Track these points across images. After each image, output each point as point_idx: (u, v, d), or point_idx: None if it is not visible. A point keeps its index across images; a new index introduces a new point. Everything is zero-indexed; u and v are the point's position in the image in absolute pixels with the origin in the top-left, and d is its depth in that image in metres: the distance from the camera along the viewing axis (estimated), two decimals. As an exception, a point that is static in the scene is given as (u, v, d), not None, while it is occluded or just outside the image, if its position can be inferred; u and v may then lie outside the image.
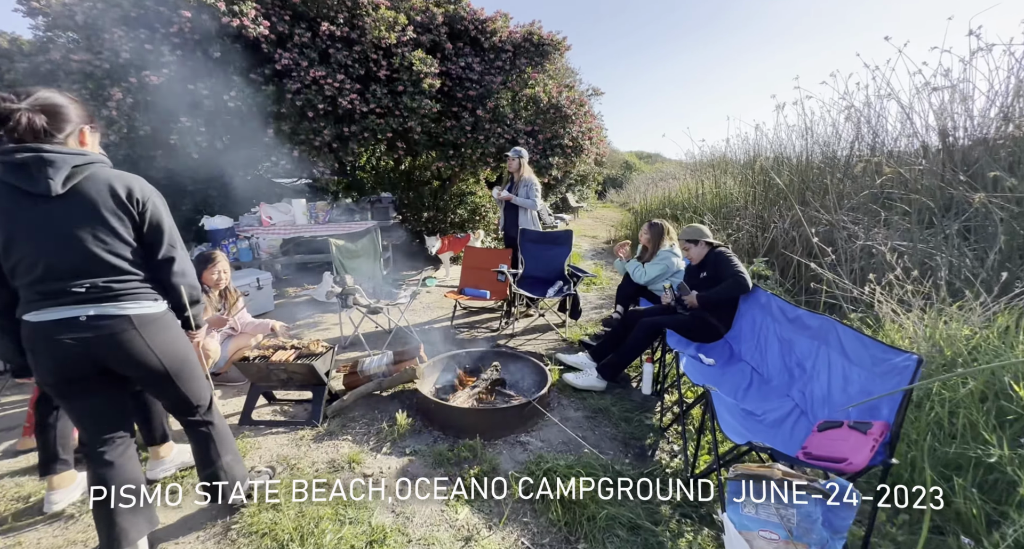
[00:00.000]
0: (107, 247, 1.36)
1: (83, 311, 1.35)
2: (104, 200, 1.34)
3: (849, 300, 3.23)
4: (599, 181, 17.88)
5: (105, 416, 1.52)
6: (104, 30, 3.66)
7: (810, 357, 2.00)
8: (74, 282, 1.33)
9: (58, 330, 1.33)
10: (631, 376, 3.19)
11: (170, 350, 1.51)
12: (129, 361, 1.43)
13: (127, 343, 1.40)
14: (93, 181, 1.34)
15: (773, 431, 1.92)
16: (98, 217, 1.34)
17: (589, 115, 5.40)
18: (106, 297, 1.37)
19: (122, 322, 1.40)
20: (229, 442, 1.78)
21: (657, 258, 3.53)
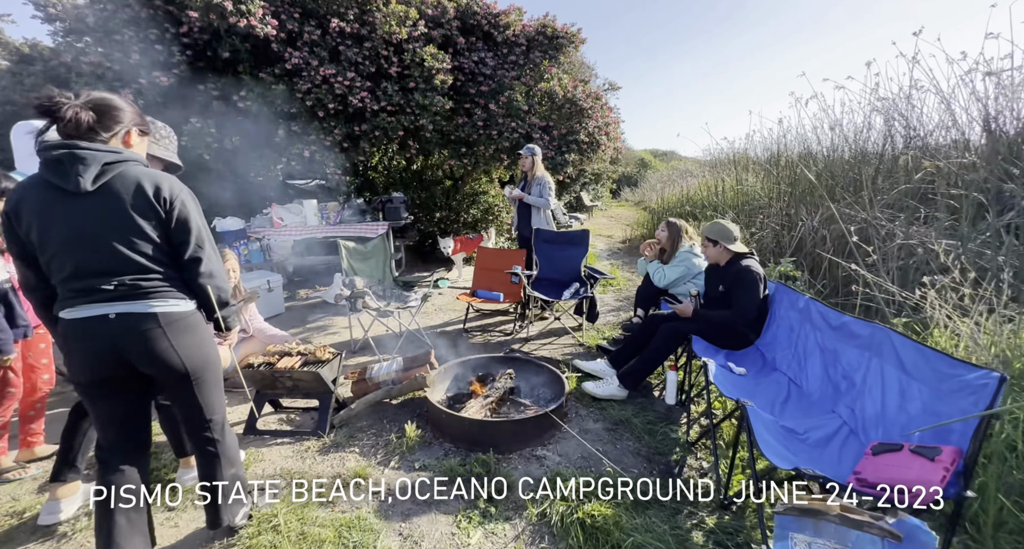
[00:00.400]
0: (134, 246, 1.36)
1: (111, 309, 1.35)
2: (132, 198, 1.34)
3: (890, 303, 2.99)
4: (614, 179, 17.59)
5: (127, 423, 1.50)
6: (115, 31, 3.62)
7: (859, 369, 1.80)
8: (102, 280, 1.33)
9: (88, 328, 1.34)
10: (653, 384, 3.01)
11: (194, 352, 1.48)
12: (153, 359, 1.41)
13: (151, 341, 1.39)
14: (122, 179, 1.33)
15: (818, 452, 1.73)
16: (125, 215, 1.33)
17: (606, 109, 5.21)
18: (133, 295, 1.37)
19: (148, 320, 1.39)
20: (234, 461, 1.69)
21: (676, 259, 3.34)
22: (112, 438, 1.49)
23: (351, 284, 3.44)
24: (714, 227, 2.72)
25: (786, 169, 5.69)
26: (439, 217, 6.64)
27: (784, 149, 5.90)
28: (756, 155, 7.07)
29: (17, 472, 2.05)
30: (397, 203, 5.61)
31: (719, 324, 2.63)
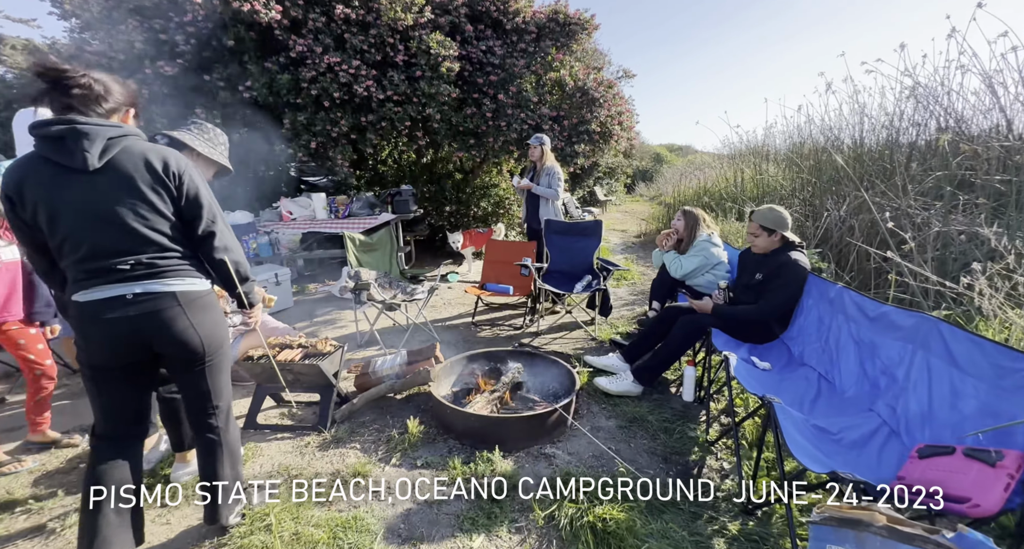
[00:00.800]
0: (148, 223, 1.32)
1: (129, 289, 1.32)
2: (141, 174, 1.30)
3: (927, 295, 2.78)
4: (628, 174, 17.28)
5: (130, 412, 1.46)
6: (119, 21, 3.59)
7: (902, 364, 1.63)
8: (118, 260, 1.30)
9: (105, 309, 1.30)
10: (669, 380, 2.86)
11: (211, 331, 1.46)
12: (173, 340, 1.39)
13: (171, 320, 1.37)
14: (128, 154, 1.29)
15: (854, 454, 1.57)
16: (136, 192, 1.30)
17: (619, 98, 5.02)
18: (151, 274, 1.34)
19: (167, 299, 1.37)
20: (236, 456, 1.63)
21: (694, 248, 3.16)
22: (111, 426, 1.44)
23: (356, 276, 3.36)
24: (770, 214, 2.44)
25: (809, 158, 5.44)
26: (449, 211, 6.54)
27: (809, 137, 5.64)
28: (777, 145, 6.80)
29: (12, 465, 2.01)
30: (406, 196, 5.52)
31: (744, 320, 2.47)
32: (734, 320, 2.48)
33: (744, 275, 2.60)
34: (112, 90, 1.31)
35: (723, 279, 3.06)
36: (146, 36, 3.61)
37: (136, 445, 1.51)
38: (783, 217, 2.38)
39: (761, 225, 2.44)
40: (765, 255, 2.46)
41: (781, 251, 2.39)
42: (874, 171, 4.32)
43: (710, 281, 3.13)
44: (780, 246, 2.43)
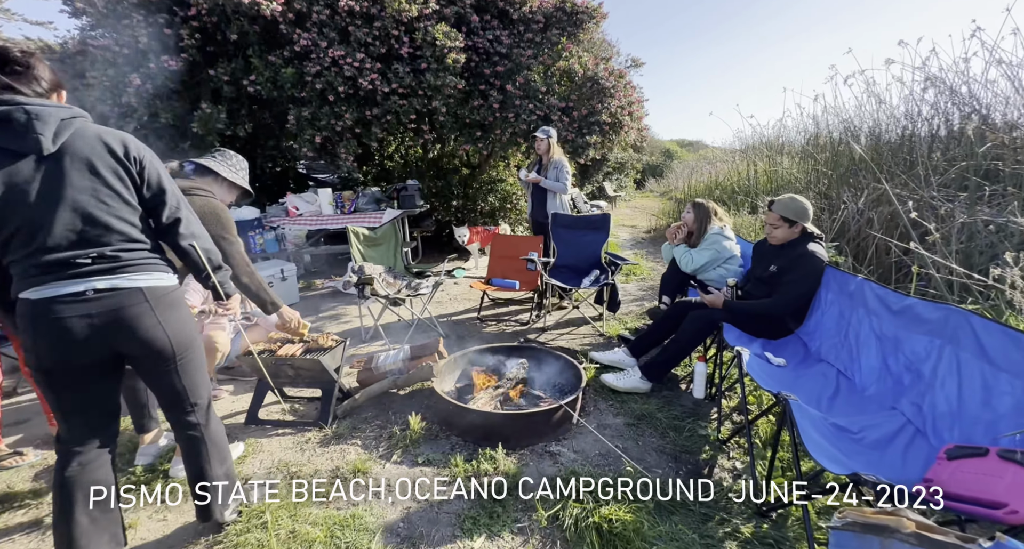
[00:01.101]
0: (111, 210, 1.22)
1: (90, 284, 1.21)
2: (100, 156, 1.21)
3: (952, 288, 2.66)
4: (638, 169, 17.07)
5: (95, 412, 1.35)
6: (124, 16, 3.58)
7: (928, 359, 1.53)
8: (79, 252, 1.20)
9: (62, 307, 1.18)
10: (679, 376, 2.78)
11: (180, 330, 1.37)
12: (139, 339, 1.29)
13: (138, 319, 1.27)
14: (83, 136, 1.20)
15: (876, 455, 1.48)
16: (97, 176, 1.20)
17: (629, 88, 4.91)
18: (115, 268, 1.24)
19: (134, 295, 1.26)
20: (223, 451, 1.56)
21: (705, 242, 3.06)
22: (77, 429, 1.33)
23: (360, 271, 3.32)
24: (792, 204, 2.31)
25: (825, 149, 5.28)
26: (456, 206, 6.49)
27: (825, 127, 5.47)
28: (791, 138, 6.63)
29: (13, 459, 2.01)
30: (412, 190, 5.48)
31: (757, 314, 2.37)
32: (747, 314, 2.39)
33: (758, 267, 2.50)
34: (45, 69, 1.22)
35: (734, 275, 2.96)
36: (150, 30, 3.61)
37: (109, 443, 1.41)
38: (805, 208, 2.27)
39: (782, 216, 2.31)
40: (781, 246, 2.36)
41: (798, 242, 2.29)
42: (894, 162, 4.16)
43: (722, 275, 3.03)
44: (799, 237, 2.32)
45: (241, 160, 2.06)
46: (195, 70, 3.91)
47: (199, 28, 3.76)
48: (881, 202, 3.89)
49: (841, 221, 4.14)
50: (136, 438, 2.05)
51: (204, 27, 3.78)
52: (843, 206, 4.25)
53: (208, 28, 3.79)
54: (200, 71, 3.95)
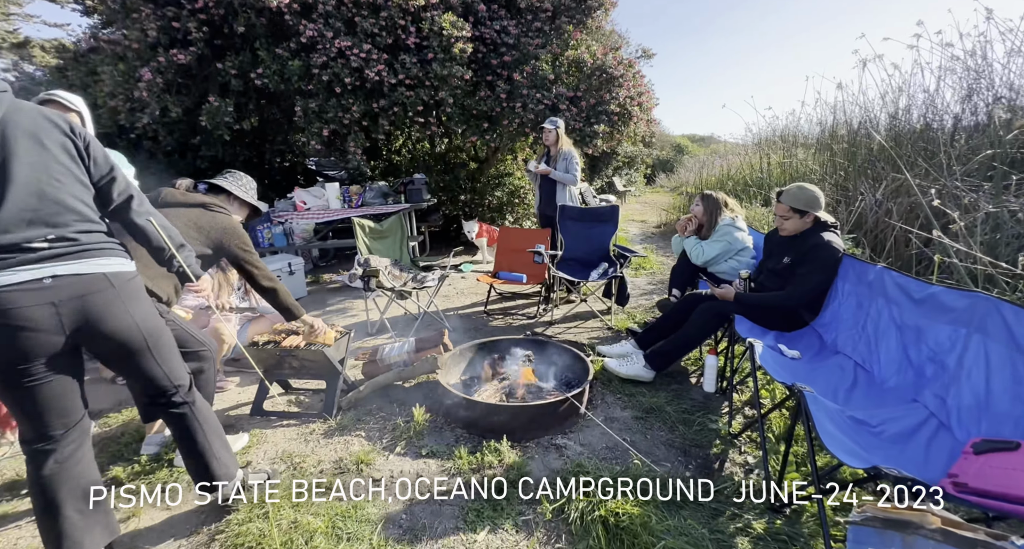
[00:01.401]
0: (65, 187, 1.13)
1: (46, 270, 1.09)
2: (46, 131, 1.13)
3: (978, 279, 2.55)
4: (648, 164, 16.88)
5: (64, 404, 1.23)
6: (133, 9, 3.60)
7: (953, 350, 1.46)
8: (33, 235, 1.08)
9: (16, 298, 1.06)
10: (689, 370, 2.72)
11: (147, 316, 1.30)
12: (106, 329, 1.19)
13: (105, 306, 1.18)
14: (21, 110, 1.11)
15: (897, 449, 1.41)
16: (46, 151, 1.11)
17: (639, 77, 4.82)
18: (74, 252, 1.14)
19: (98, 281, 1.17)
20: (216, 427, 1.53)
21: (717, 233, 2.98)
22: (45, 428, 1.21)
23: (366, 263, 3.30)
24: (801, 193, 2.20)
25: (843, 140, 5.14)
26: (463, 200, 6.46)
27: (843, 117, 5.32)
28: (806, 130, 6.47)
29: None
30: (419, 184, 5.45)
31: (769, 307, 2.30)
32: (760, 307, 2.31)
33: (770, 259, 2.42)
34: None
35: (746, 266, 2.88)
36: (159, 24, 3.62)
37: (83, 431, 1.30)
38: (815, 196, 2.18)
39: (792, 207, 2.21)
40: (793, 237, 2.27)
41: (812, 232, 2.20)
42: (914, 151, 4.03)
43: (733, 267, 2.96)
44: (813, 227, 2.23)
45: (250, 180, 2.16)
46: (203, 64, 3.92)
47: (207, 21, 3.76)
48: (900, 193, 3.77)
49: (858, 213, 4.02)
50: (142, 428, 2.05)
51: (212, 20, 3.78)
52: (860, 197, 4.12)
53: (215, 21, 3.79)
54: (208, 65, 3.96)
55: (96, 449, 2.07)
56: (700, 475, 1.81)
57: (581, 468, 1.79)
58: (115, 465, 1.92)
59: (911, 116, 4.47)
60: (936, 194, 2.99)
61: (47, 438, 1.23)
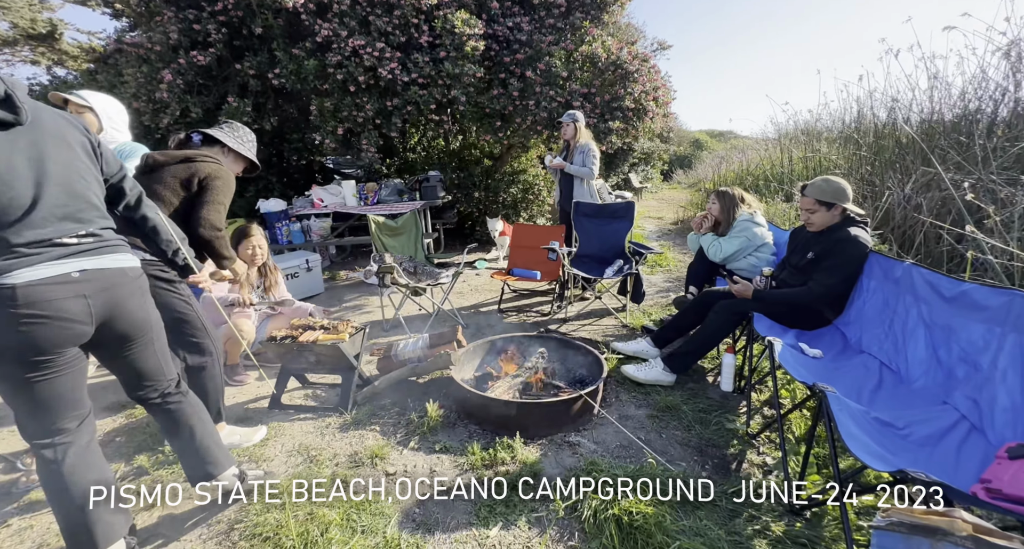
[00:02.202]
0: (89, 186, 1.20)
1: (75, 265, 1.15)
2: (68, 132, 1.19)
3: (1015, 276, 2.44)
4: (665, 160, 16.61)
5: (72, 397, 1.26)
6: (156, 12, 3.69)
7: (987, 350, 1.39)
8: (63, 230, 1.13)
9: (52, 290, 1.10)
10: (706, 369, 2.67)
11: (153, 309, 1.40)
12: (125, 321, 1.28)
13: (125, 299, 1.26)
14: (44, 111, 1.16)
15: (925, 452, 1.36)
16: (72, 150, 1.17)
17: (654, 72, 4.73)
18: (99, 247, 1.21)
19: (118, 275, 1.25)
20: (206, 419, 1.56)
21: (734, 229, 2.91)
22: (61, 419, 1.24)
23: (380, 259, 3.33)
24: (827, 186, 2.13)
25: (869, 133, 4.96)
26: (478, 197, 6.46)
27: (870, 110, 5.14)
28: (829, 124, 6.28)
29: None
30: (433, 182, 5.48)
31: (790, 304, 2.23)
32: (780, 304, 2.25)
33: (794, 255, 2.34)
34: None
35: (767, 263, 2.81)
36: (180, 27, 3.70)
37: (91, 432, 1.33)
38: (842, 187, 2.10)
39: (818, 200, 2.14)
40: (820, 232, 2.20)
41: (839, 227, 2.12)
42: (946, 144, 3.86)
43: (753, 264, 2.89)
44: (840, 221, 2.15)
45: (248, 133, 2.04)
46: (223, 65, 4.00)
47: (226, 23, 3.84)
48: (931, 187, 3.62)
49: (885, 208, 3.88)
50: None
51: (230, 22, 3.85)
52: (888, 192, 3.98)
53: (234, 23, 3.86)
54: (227, 66, 4.04)
55: (123, 438, 2.15)
56: (716, 475, 1.78)
57: (595, 466, 1.77)
58: (140, 454, 1.98)
59: (946, 106, 4.29)
60: (970, 188, 2.87)
61: (63, 431, 1.26)
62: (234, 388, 2.65)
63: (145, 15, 3.81)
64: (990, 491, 1.18)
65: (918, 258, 3.38)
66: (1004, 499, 1.14)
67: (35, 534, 1.60)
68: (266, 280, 2.94)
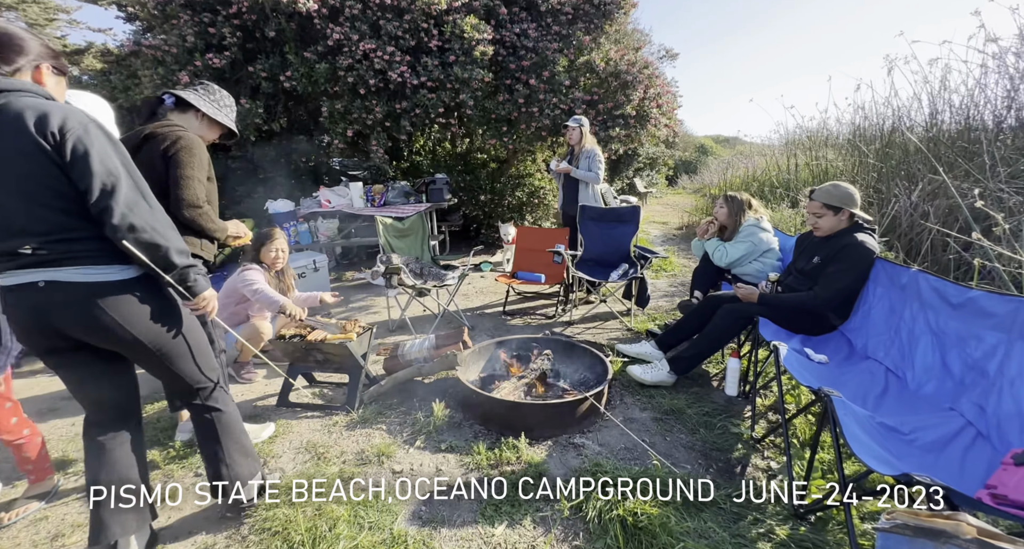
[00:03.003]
0: (39, 198, 1.09)
1: (38, 276, 1.13)
2: (13, 138, 1.06)
3: (1022, 283, 2.43)
4: (670, 166, 16.61)
5: (98, 392, 1.32)
6: (172, 16, 3.76)
7: (994, 356, 1.40)
8: (18, 242, 1.10)
9: (20, 297, 1.15)
10: (710, 373, 2.67)
11: (146, 326, 1.24)
12: (98, 335, 1.22)
13: (88, 315, 1.17)
14: (5, 114, 1.06)
15: (931, 457, 1.36)
16: (15, 160, 1.07)
17: (655, 79, 4.76)
18: (51, 260, 1.12)
19: (76, 291, 1.15)
20: (236, 434, 1.55)
21: (741, 234, 2.93)
22: (86, 407, 1.34)
23: (387, 260, 3.37)
24: (835, 190, 2.14)
25: (875, 141, 4.97)
26: (483, 200, 6.50)
27: (875, 117, 5.15)
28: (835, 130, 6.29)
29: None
30: (440, 184, 5.52)
31: (795, 308, 2.24)
32: (785, 308, 2.26)
33: (800, 260, 2.35)
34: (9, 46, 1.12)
35: (772, 269, 2.82)
36: (196, 30, 3.77)
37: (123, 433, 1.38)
38: (850, 193, 2.11)
39: (825, 204, 2.15)
40: (827, 237, 2.21)
41: (846, 232, 2.13)
42: (953, 152, 3.86)
43: (758, 270, 2.90)
44: (847, 226, 2.17)
45: (226, 95, 1.87)
46: (236, 67, 4.06)
47: (240, 26, 3.91)
48: (938, 195, 3.62)
49: (892, 216, 3.88)
50: (174, 416, 2.14)
51: (245, 25, 3.92)
52: (894, 200, 3.98)
53: (248, 26, 3.93)
54: (240, 68, 4.10)
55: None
56: (721, 479, 1.78)
57: (599, 467, 1.79)
58: (151, 449, 2.01)
59: (950, 116, 4.29)
60: (969, 205, 2.87)
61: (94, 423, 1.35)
62: (243, 385, 2.68)
63: (160, 18, 3.89)
64: (996, 497, 1.18)
65: (924, 265, 3.38)
66: (1009, 505, 1.15)
67: (50, 525, 1.62)
68: (282, 283, 2.96)
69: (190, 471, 1.89)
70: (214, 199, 1.84)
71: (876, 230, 2.18)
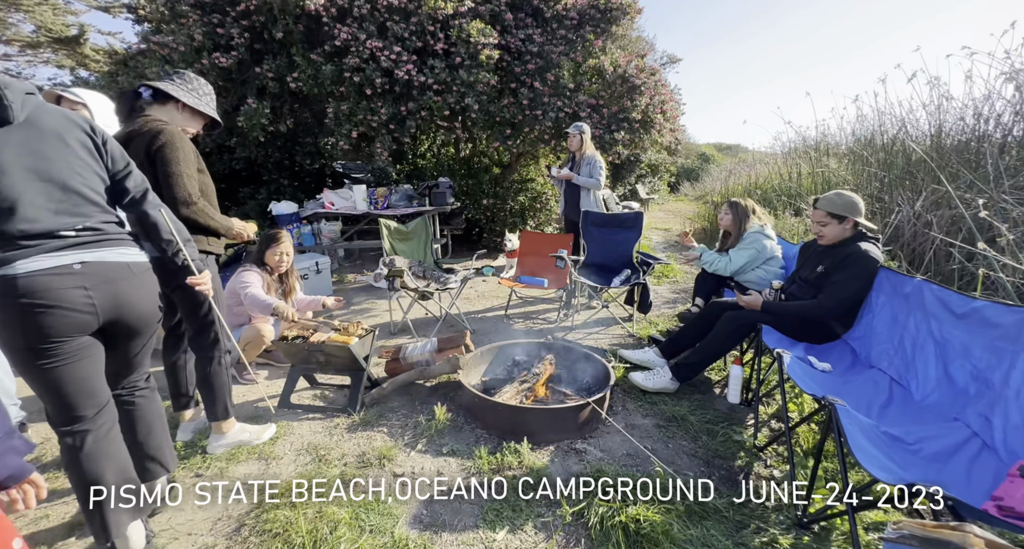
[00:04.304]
0: (86, 182, 1.23)
1: (76, 257, 1.19)
2: (68, 129, 1.21)
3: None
4: (672, 172, 16.66)
5: (88, 386, 1.30)
6: (181, 15, 3.79)
7: (999, 367, 1.40)
8: (60, 223, 1.18)
9: (52, 281, 1.15)
10: (713, 380, 2.66)
11: (156, 305, 1.41)
12: (131, 314, 1.31)
13: (129, 293, 1.29)
14: (45, 111, 1.20)
15: (936, 468, 1.36)
16: (68, 148, 1.20)
17: (661, 85, 4.78)
18: (100, 241, 1.24)
19: (122, 269, 1.28)
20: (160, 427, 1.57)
21: (744, 241, 2.93)
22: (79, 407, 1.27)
23: (391, 263, 3.37)
24: (839, 199, 2.14)
25: (878, 151, 4.98)
26: (486, 205, 6.51)
27: (879, 127, 5.17)
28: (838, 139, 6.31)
29: None
30: (443, 188, 5.54)
31: (799, 317, 2.24)
32: (789, 316, 2.26)
33: (804, 268, 2.36)
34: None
35: (776, 277, 2.82)
36: (204, 30, 3.80)
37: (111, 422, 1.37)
38: (854, 202, 2.12)
39: (829, 213, 2.16)
40: (831, 246, 2.21)
41: (850, 241, 2.14)
42: (958, 162, 3.87)
43: (761, 277, 2.90)
44: (851, 235, 2.17)
45: (204, 84, 1.82)
46: (243, 68, 4.09)
47: (248, 27, 3.93)
48: (941, 205, 3.63)
49: (895, 225, 3.89)
50: (176, 416, 2.13)
51: (253, 26, 3.95)
52: (897, 209, 3.99)
53: (256, 27, 3.96)
54: (247, 69, 4.13)
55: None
56: (723, 487, 1.77)
57: (601, 473, 1.78)
58: (151, 449, 2.00)
59: (956, 126, 4.30)
60: (973, 216, 2.87)
61: (81, 419, 1.29)
62: (244, 386, 2.67)
63: (169, 16, 3.91)
64: (1002, 509, 1.18)
65: (928, 275, 3.36)
66: (1016, 517, 1.14)
67: (51, 523, 1.62)
68: (285, 285, 2.95)
69: (190, 471, 1.88)
70: (210, 191, 1.83)
71: (880, 239, 2.18)
